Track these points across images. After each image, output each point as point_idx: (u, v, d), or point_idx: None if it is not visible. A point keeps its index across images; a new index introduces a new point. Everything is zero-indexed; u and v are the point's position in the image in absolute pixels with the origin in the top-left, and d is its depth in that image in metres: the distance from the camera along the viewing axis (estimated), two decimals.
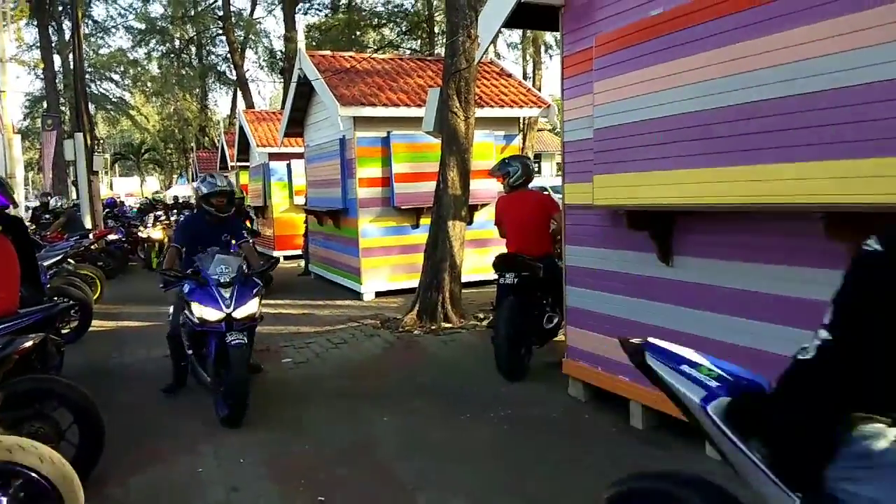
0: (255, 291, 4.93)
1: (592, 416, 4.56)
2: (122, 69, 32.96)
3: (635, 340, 2.05)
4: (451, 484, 3.64)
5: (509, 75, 11.35)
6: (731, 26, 3.25)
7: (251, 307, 4.82)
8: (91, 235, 11.40)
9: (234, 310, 4.71)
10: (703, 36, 3.41)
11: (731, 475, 1.78)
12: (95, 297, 8.80)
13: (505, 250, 5.80)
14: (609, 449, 4.01)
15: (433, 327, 7.11)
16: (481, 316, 7.51)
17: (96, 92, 31.79)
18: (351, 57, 11.38)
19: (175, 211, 19.46)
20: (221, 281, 4.79)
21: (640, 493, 2.06)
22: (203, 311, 4.68)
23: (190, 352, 5.11)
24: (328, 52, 11.80)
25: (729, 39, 3.26)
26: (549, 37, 22.12)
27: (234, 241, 5.53)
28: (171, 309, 5.42)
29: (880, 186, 2.62)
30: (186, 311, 4.91)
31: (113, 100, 34.17)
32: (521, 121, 10.46)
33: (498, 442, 4.21)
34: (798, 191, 2.96)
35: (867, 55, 2.65)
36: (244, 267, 5.04)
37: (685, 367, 1.89)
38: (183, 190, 39.51)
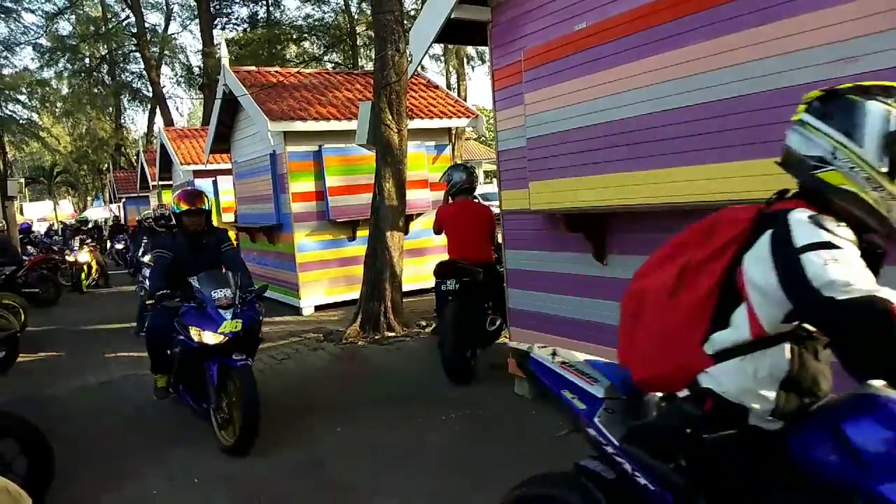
0: None
1: (540, 412, 4.74)
2: (29, 89, 31.48)
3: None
4: (409, 488, 3.74)
5: (436, 87, 11.57)
6: (648, 40, 3.52)
7: None
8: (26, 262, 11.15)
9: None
10: (623, 49, 3.67)
11: None
12: (20, 326, 8.45)
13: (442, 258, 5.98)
14: (558, 442, 4.19)
15: (377, 337, 7.19)
16: (423, 323, 7.64)
17: (1, 114, 30.28)
18: (277, 72, 11.33)
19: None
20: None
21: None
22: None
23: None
24: (253, 68, 11.71)
25: (647, 52, 3.53)
26: (470, 49, 22.55)
27: None
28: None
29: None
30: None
31: (21, 122, 32.56)
32: (451, 131, 10.67)
33: (451, 444, 4.34)
34: (716, 189, 3.23)
35: (773, 64, 2.95)
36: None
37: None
38: (99, 212, 38.00)
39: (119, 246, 18.76)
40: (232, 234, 11.81)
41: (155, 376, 5.16)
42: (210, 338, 4.33)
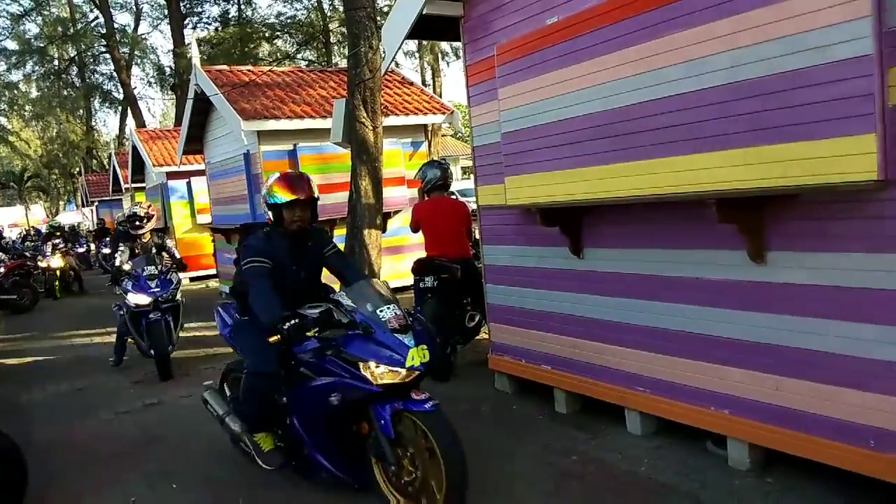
0: None
1: (520, 406, 4.77)
2: None
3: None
4: None
5: (411, 83, 11.54)
6: (620, 32, 3.52)
7: None
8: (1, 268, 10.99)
9: None
10: (596, 42, 3.67)
11: None
12: None
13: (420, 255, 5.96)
14: (538, 435, 4.22)
15: None
16: None
17: None
18: (249, 71, 11.22)
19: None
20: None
21: None
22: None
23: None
24: (225, 67, 11.58)
25: (621, 44, 3.53)
26: (444, 45, 22.51)
27: None
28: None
29: (763, 172, 2.94)
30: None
31: None
32: (426, 127, 10.64)
33: None
34: (691, 180, 3.26)
35: (741, 55, 2.98)
36: None
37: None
38: (72, 217, 37.42)
39: (106, 251, 18.45)
40: (206, 237, 11.38)
41: (255, 437, 3.74)
42: (392, 375, 3.08)
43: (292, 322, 3.17)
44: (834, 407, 3.01)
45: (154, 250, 7.38)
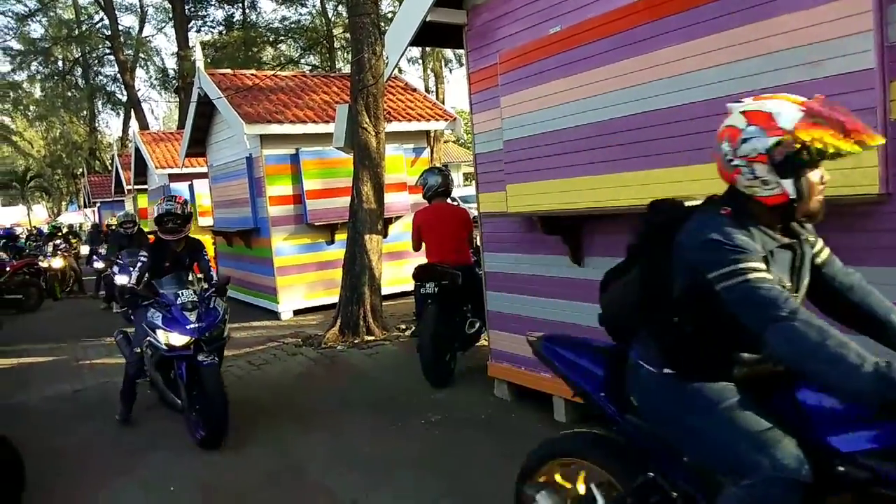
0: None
1: (519, 414, 4.76)
2: (0, 93, 31.03)
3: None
4: (390, 493, 3.72)
5: (414, 90, 11.57)
6: (624, 42, 3.53)
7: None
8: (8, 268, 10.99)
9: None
10: (599, 52, 3.68)
11: None
12: None
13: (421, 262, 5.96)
14: (537, 443, 4.20)
15: (356, 341, 7.16)
16: (403, 326, 7.62)
17: None
18: (253, 75, 11.25)
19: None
20: None
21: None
22: None
23: None
24: (228, 71, 11.62)
25: (623, 55, 3.54)
26: (448, 52, 22.58)
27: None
28: None
29: None
30: None
31: None
32: (429, 134, 10.67)
33: (431, 448, 4.33)
34: (695, 191, 3.25)
35: (742, 67, 2.98)
36: None
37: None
38: (74, 217, 37.48)
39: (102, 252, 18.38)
40: (208, 240, 11.42)
41: None
42: None
43: None
44: None
45: (187, 263, 5.32)
